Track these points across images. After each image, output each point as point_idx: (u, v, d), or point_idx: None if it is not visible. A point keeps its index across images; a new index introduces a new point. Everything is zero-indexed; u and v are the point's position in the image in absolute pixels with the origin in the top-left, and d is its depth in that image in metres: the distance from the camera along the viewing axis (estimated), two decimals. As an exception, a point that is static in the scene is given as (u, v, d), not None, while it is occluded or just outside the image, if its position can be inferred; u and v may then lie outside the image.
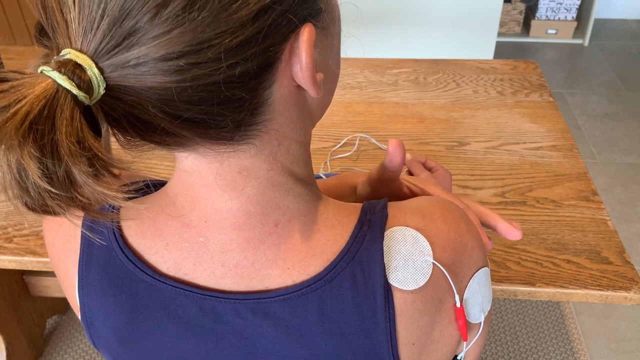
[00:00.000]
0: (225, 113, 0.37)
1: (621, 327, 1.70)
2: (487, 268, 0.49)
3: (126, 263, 0.45)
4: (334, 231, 0.44)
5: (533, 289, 0.81)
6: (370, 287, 0.43)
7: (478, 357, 0.54)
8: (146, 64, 0.34)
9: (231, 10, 0.33)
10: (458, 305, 0.46)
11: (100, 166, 0.35)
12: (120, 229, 0.46)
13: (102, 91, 0.35)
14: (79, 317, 0.49)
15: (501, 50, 3.18)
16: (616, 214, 2.07)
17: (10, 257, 0.90)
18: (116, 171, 0.36)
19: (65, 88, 0.33)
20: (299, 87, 0.40)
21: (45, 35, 0.36)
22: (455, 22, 2.34)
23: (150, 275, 0.45)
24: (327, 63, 0.43)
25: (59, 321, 1.73)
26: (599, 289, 0.81)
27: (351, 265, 0.43)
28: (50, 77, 0.33)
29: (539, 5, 3.22)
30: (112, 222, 0.46)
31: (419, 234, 0.44)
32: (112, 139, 0.39)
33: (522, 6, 3.25)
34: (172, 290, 0.44)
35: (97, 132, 0.36)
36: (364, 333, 0.43)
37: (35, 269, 0.92)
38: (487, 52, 2.40)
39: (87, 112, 0.35)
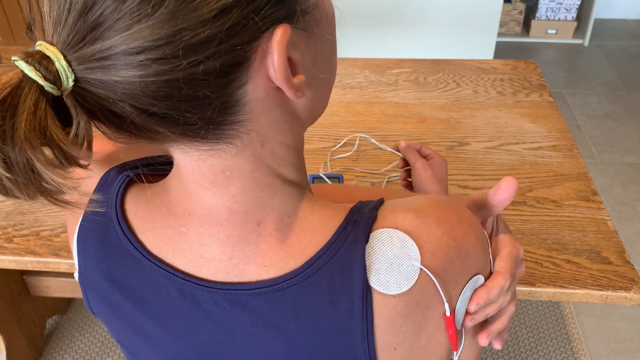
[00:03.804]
0: (192, 110, 0.37)
1: (621, 327, 1.70)
2: (480, 276, 0.47)
3: (121, 236, 0.46)
4: (317, 232, 0.43)
5: (533, 289, 0.81)
6: (347, 287, 0.42)
7: (478, 357, 0.53)
8: (110, 57, 0.34)
9: (190, 7, 0.33)
10: (447, 314, 0.44)
11: (61, 156, 0.36)
12: (122, 203, 0.48)
13: (71, 83, 0.35)
14: (76, 278, 0.51)
15: (501, 50, 3.18)
16: (616, 214, 2.07)
17: (10, 257, 0.90)
18: (84, 162, 0.37)
19: (31, 78, 0.34)
20: (279, 88, 0.40)
21: (30, 29, 0.37)
22: (455, 22, 2.34)
23: (139, 251, 0.46)
24: (309, 65, 0.42)
25: (59, 321, 1.73)
26: (599, 289, 0.81)
27: (330, 264, 0.42)
28: (18, 67, 0.35)
29: (539, 5, 3.22)
30: (117, 196, 0.48)
31: (408, 237, 0.42)
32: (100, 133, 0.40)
33: (522, 6, 3.25)
34: (156, 270, 0.45)
35: (70, 124, 0.37)
36: (340, 333, 0.43)
37: (35, 269, 0.92)
38: (487, 52, 2.40)
39: (61, 104, 0.36)
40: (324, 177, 1.01)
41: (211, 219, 0.43)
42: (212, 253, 0.44)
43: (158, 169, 0.50)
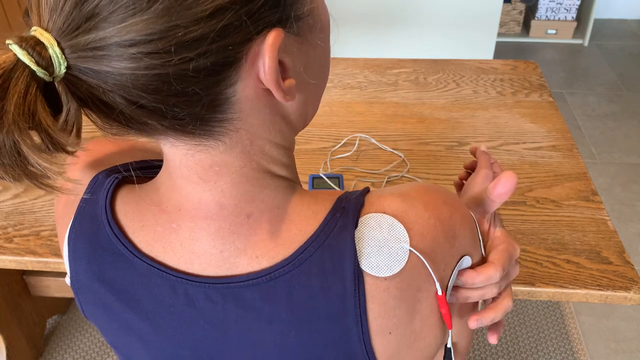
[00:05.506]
0: (180, 105, 0.37)
1: (621, 327, 1.70)
2: (468, 257, 0.48)
3: (111, 236, 0.47)
4: (306, 221, 0.44)
5: (533, 289, 0.81)
6: (339, 272, 0.42)
7: (469, 344, 0.54)
8: (103, 48, 0.35)
9: (185, 5, 0.34)
10: (439, 293, 0.45)
11: (48, 141, 0.37)
12: (112, 205, 0.48)
13: (63, 70, 0.36)
14: (68, 282, 0.51)
15: (501, 50, 3.18)
16: (616, 214, 2.07)
17: (10, 257, 0.90)
18: (71, 149, 0.38)
19: (23, 62, 0.35)
20: (269, 90, 0.40)
21: (27, 14, 0.38)
22: (455, 22, 2.34)
23: (129, 251, 0.46)
24: (300, 70, 0.42)
25: (59, 321, 1.73)
26: (599, 289, 0.81)
27: (320, 251, 0.42)
28: (12, 51, 0.35)
29: (539, 5, 3.22)
30: (106, 197, 0.48)
31: (395, 220, 0.43)
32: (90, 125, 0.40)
33: (522, 6, 3.25)
34: (148, 268, 0.45)
35: (60, 111, 0.37)
36: (333, 319, 0.43)
37: (35, 269, 0.92)
38: (487, 52, 2.40)
39: (52, 90, 0.37)
40: (324, 177, 1.01)
41: (201, 213, 0.44)
42: (203, 247, 0.44)
43: (147, 172, 0.50)
